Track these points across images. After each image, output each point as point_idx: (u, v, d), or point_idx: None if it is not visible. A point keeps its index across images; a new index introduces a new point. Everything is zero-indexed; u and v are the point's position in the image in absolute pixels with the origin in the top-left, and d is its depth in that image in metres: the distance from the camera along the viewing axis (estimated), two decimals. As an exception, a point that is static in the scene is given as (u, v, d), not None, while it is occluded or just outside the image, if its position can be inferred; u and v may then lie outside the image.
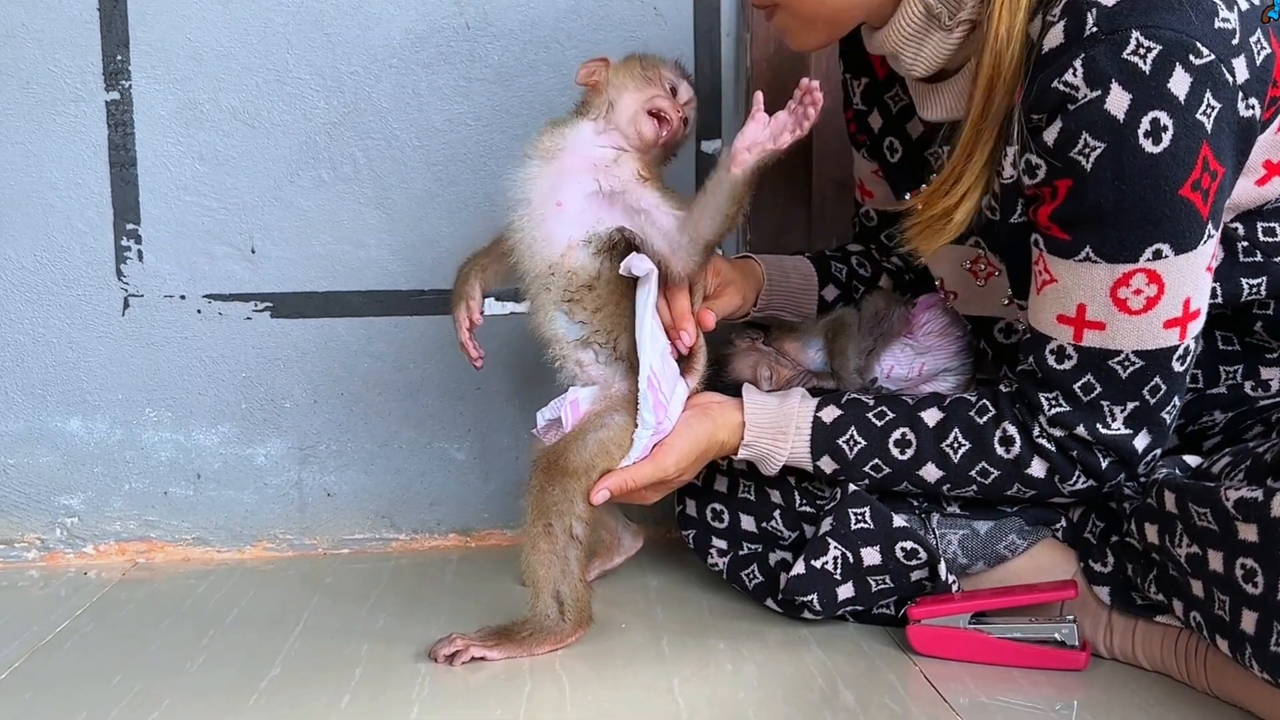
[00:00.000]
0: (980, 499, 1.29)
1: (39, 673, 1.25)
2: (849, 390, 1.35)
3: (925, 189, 1.23)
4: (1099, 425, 1.19)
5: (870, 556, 1.30)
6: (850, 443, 1.28)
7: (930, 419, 1.27)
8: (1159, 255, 1.12)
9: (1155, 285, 1.13)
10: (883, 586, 1.31)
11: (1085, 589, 1.25)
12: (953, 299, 1.39)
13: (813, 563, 1.31)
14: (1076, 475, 1.22)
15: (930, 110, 1.28)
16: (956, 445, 1.25)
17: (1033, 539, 1.30)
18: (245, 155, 1.61)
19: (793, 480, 1.38)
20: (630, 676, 1.22)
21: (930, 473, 1.27)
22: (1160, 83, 1.07)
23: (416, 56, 1.62)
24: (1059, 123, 1.11)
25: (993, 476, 1.25)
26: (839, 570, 1.30)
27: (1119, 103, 1.08)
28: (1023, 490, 1.25)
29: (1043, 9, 1.14)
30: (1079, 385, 1.18)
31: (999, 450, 1.24)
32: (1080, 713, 1.13)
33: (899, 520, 1.30)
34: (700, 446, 1.29)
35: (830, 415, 1.29)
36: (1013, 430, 1.23)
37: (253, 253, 1.63)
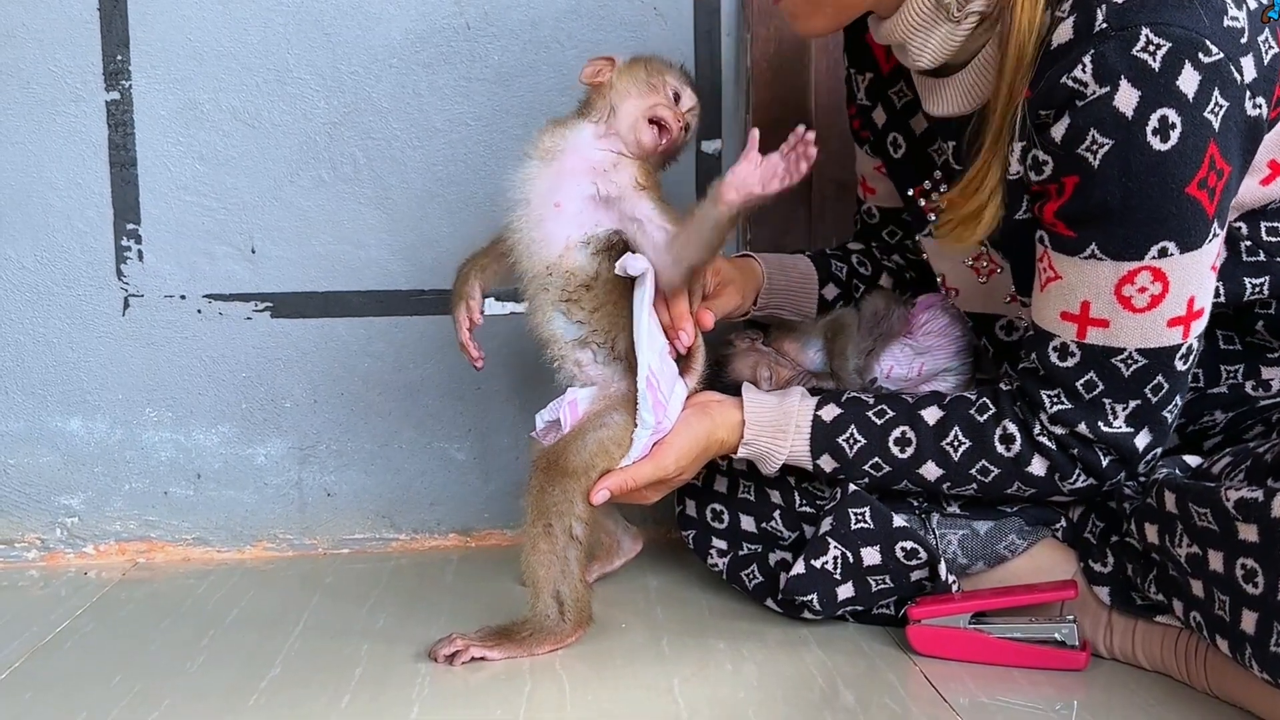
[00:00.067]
0: (980, 498, 1.29)
1: (39, 673, 1.25)
2: (849, 390, 1.35)
3: (953, 187, 1.22)
4: (1100, 423, 1.19)
5: (870, 556, 1.30)
6: (850, 441, 1.28)
7: (930, 417, 1.27)
8: (1164, 253, 1.12)
9: (1160, 283, 1.13)
10: (883, 586, 1.31)
11: (1085, 589, 1.25)
12: (954, 296, 1.39)
13: (813, 562, 1.31)
14: (1077, 473, 1.22)
15: (936, 105, 1.27)
16: (957, 443, 1.25)
17: (1033, 539, 1.30)
18: (245, 155, 1.61)
19: (792, 480, 1.38)
20: (630, 676, 1.22)
21: (930, 471, 1.27)
22: (1169, 80, 1.07)
23: (417, 56, 1.62)
24: (1067, 119, 1.11)
25: (993, 475, 1.25)
26: (839, 570, 1.30)
27: (1128, 99, 1.08)
28: (1023, 488, 1.25)
29: (1051, 5, 1.13)
30: (1081, 383, 1.18)
31: (999, 448, 1.24)
32: (1080, 713, 1.13)
33: (899, 520, 1.30)
34: (700, 445, 1.29)
35: (830, 414, 1.29)
36: (1013, 428, 1.23)
37: (253, 253, 1.63)
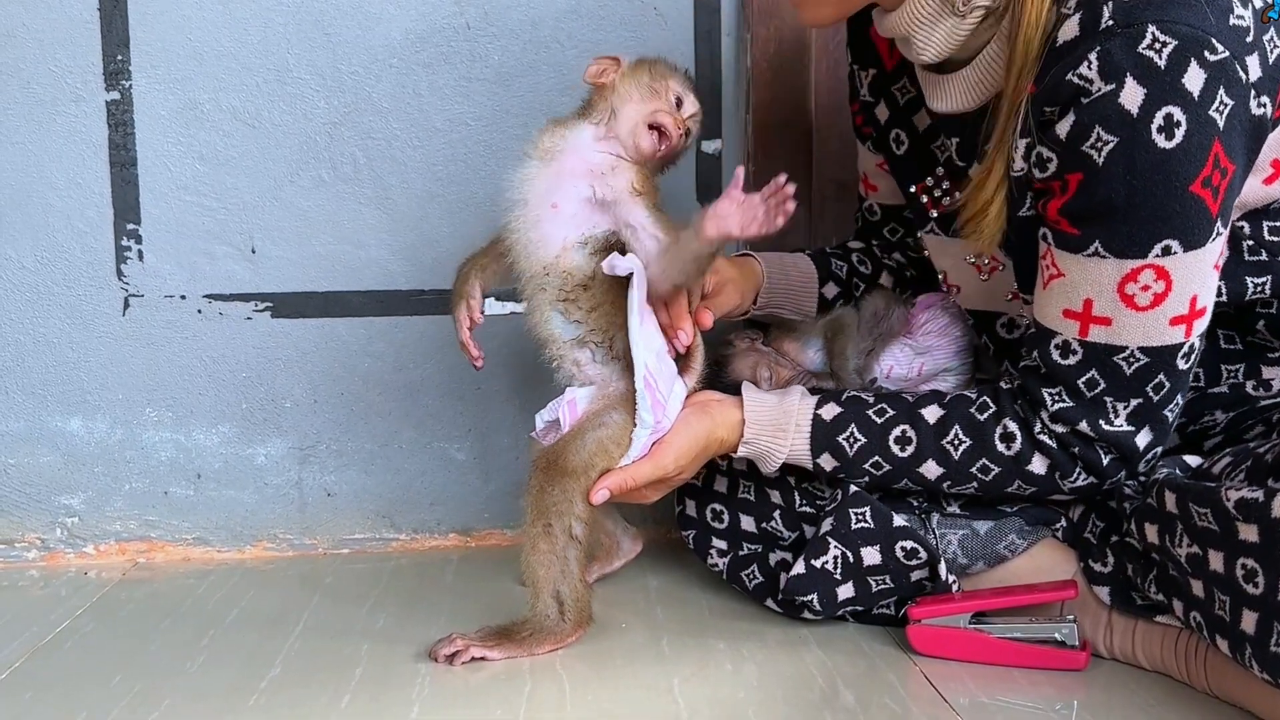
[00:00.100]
0: (981, 496, 1.29)
1: (39, 673, 1.25)
2: (849, 389, 1.35)
3: (962, 186, 1.22)
4: (1101, 421, 1.19)
5: (870, 556, 1.30)
6: (850, 440, 1.28)
7: (931, 416, 1.26)
8: (1168, 251, 1.12)
9: (1163, 282, 1.13)
10: (883, 586, 1.31)
11: (1085, 589, 1.25)
12: (956, 293, 1.39)
13: (813, 562, 1.31)
14: (1077, 472, 1.22)
15: (940, 101, 1.27)
16: (957, 442, 1.25)
17: (1033, 539, 1.30)
18: (245, 155, 1.61)
19: (793, 480, 1.38)
20: (630, 676, 1.22)
21: (930, 470, 1.26)
22: (1175, 78, 1.07)
23: (417, 56, 1.62)
24: (1072, 116, 1.10)
25: (993, 473, 1.25)
26: (839, 570, 1.30)
27: (1133, 97, 1.08)
28: (1023, 487, 1.25)
29: (1058, 1, 1.13)
30: (1083, 381, 1.18)
31: (999, 447, 1.23)
32: (1080, 713, 1.13)
33: (899, 520, 1.30)
34: (700, 444, 1.29)
35: (830, 412, 1.29)
36: (1013, 427, 1.23)
37: (253, 253, 1.63)
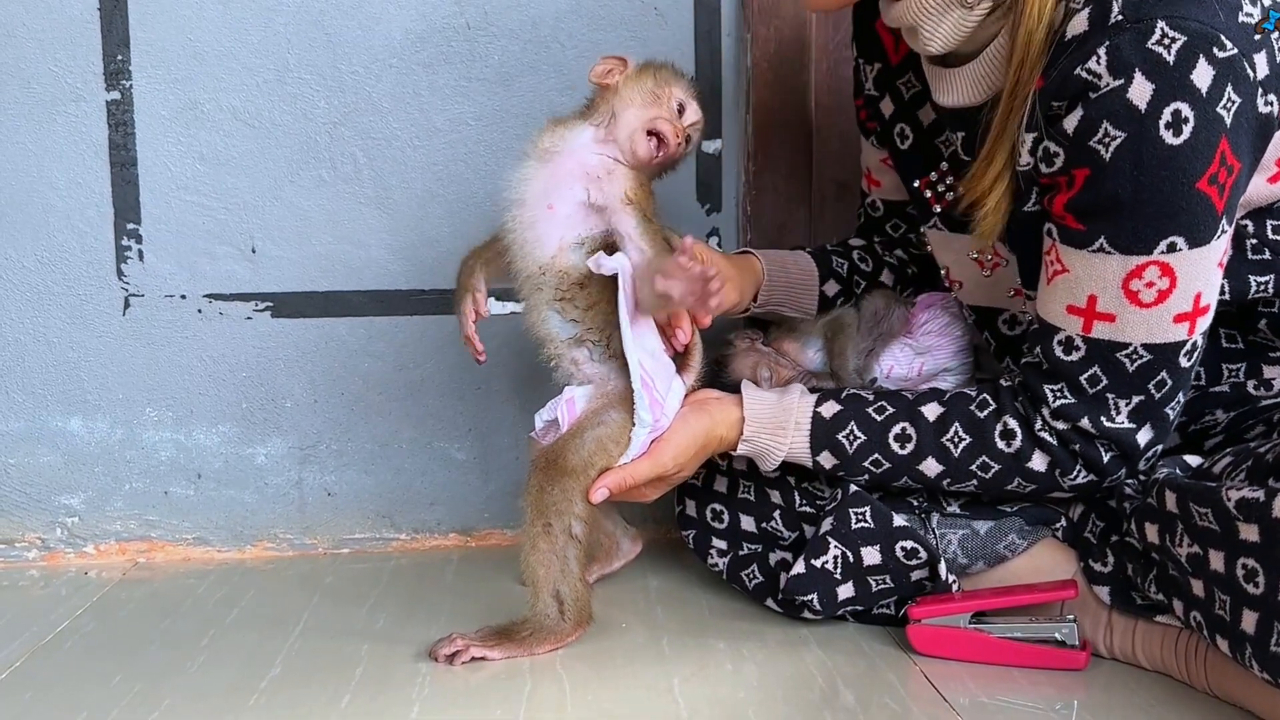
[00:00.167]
0: (981, 494, 1.29)
1: (39, 673, 1.25)
2: (849, 387, 1.35)
3: (962, 177, 1.22)
4: (1103, 418, 1.19)
5: (870, 556, 1.30)
6: (850, 438, 1.28)
7: (930, 413, 1.26)
8: (1173, 248, 1.12)
9: (1168, 278, 1.13)
10: (883, 586, 1.31)
11: (1085, 589, 1.25)
12: (958, 288, 1.39)
13: (813, 562, 1.31)
14: (1077, 469, 1.22)
15: (946, 95, 1.27)
16: (957, 439, 1.25)
17: (1033, 539, 1.30)
18: (246, 155, 1.61)
19: (793, 480, 1.38)
20: (630, 676, 1.22)
21: (930, 467, 1.26)
22: (1183, 74, 1.07)
23: (417, 56, 1.62)
24: (1080, 110, 1.10)
25: (993, 471, 1.25)
26: (839, 570, 1.30)
27: (1141, 92, 1.07)
28: (1023, 485, 1.25)
29: None
30: (1085, 377, 1.18)
31: (999, 444, 1.23)
32: (1080, 713, 1.13)
33: (899, 520, 1.30)
34: (699, 442, 1.29)
35: (830, 410, 1.29)
36: (1014, 424, 1.23)
37: (253, 252, 1.63)
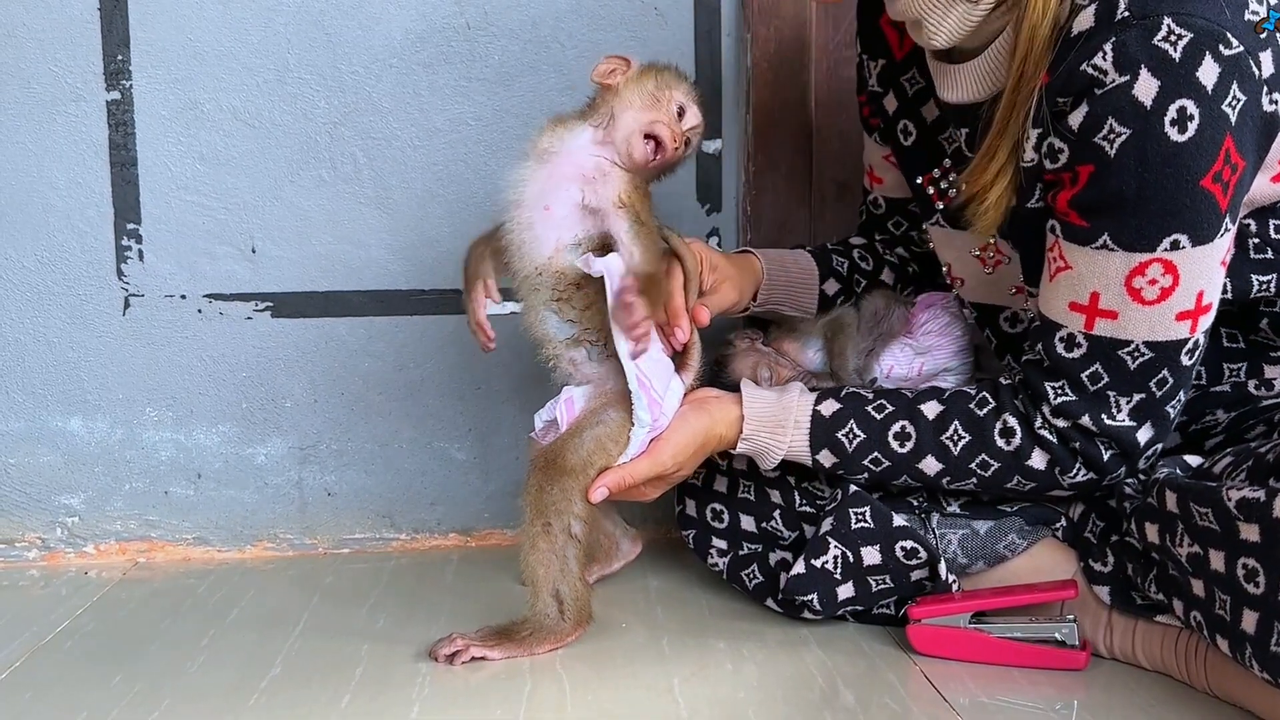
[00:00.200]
0: (980, 492, 1.29)
1: (39, 673, 1.25)
2: (848, 386, 1.34)
3: (964, 171, 1.22)
4: (1104, 416, 1.19)
5: (870, 556, 1.30)
6: (849, 436, 1.28)
7: (930, 411, 1.26)
8: (1176, 246, 1.12)
9: (1170, 276, 1.12)
10: (883, 586, 1.31)
11: (1085, 589, 1.25)
12: (959, 285, 1.39)
13: (813, 562, 1.31)
14: (1077, 467, 1.22)
15: (950, 91, 1.27)
16: (956, 437, 1.25)
17: (1033, 539, 1.30)
18: (246, 155, 1.61)
19: (793, 480, 1.38)
20: (630, 676, 1.22)
21: (930, 465, 1.26)
22: (1189, 71, 1.07)
23: (417, 56, 1.62)
24: (1085, 106, 1.10)
25: (993, 469, 1.24)
26: (839, 570, 1.30)
27: (1147, 89, 1.07)
28: (1022, 483, 1.25)
29: None
30: (1087, 374, 1.18)
31: (999, 442, 1.23)
32: (1080, 713, 1.13)
33: (899, 520, 1.29)
34: (698, 440, 1.29)
35: (829, 409, 1.29)
36: (1013, 422, 1.23)
37: (253, 252, 1.63)
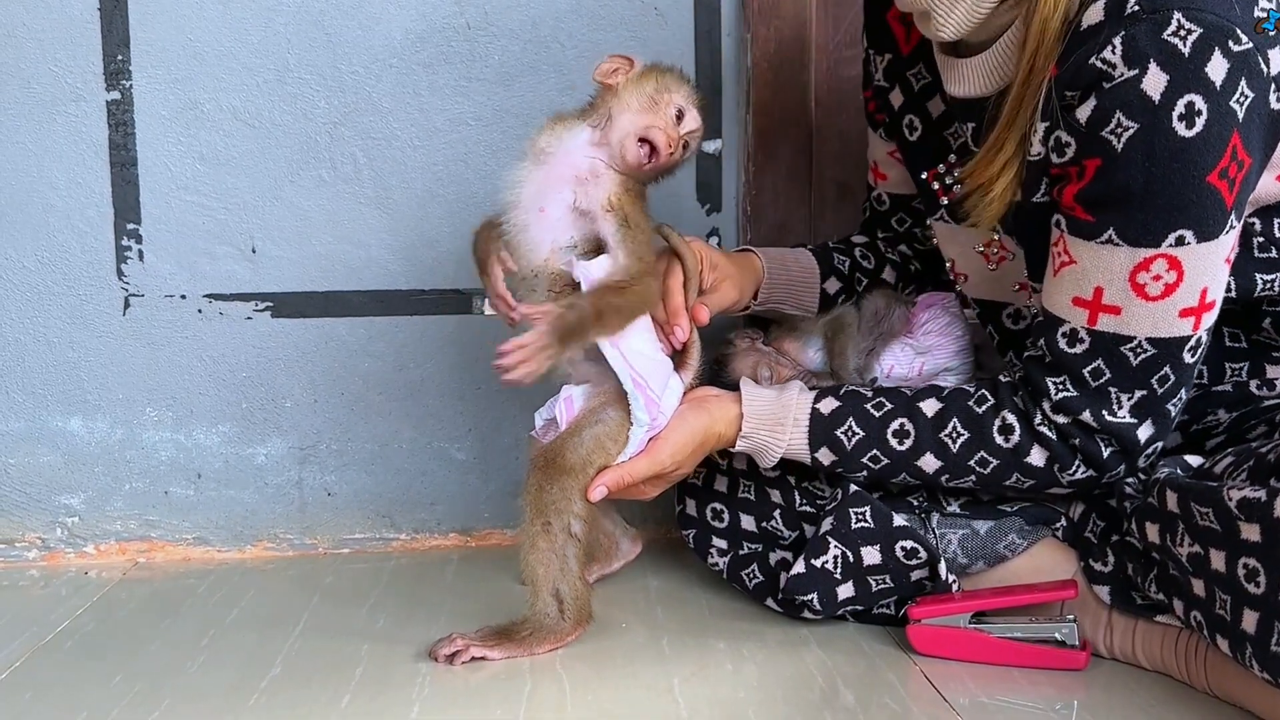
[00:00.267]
0: (979, 490, 1.29)
1: (39, 673, 1.25)
2: (848, 384, 1.34)
3: (969, 162, 1.22)
4: (1104, 412, 1.19)
5: (870, 556, 1.30)
6: (848, 433, 1.28)
7: (929, 409, 1.26)
8: (1181, 242, 1.11)
9: (1175, 272, 1.12)
10: (883, 586, 1.31)
11: (1085, 588, 1.25)
12: (963, 281, 1.39)
13: (813, 562, 1.31)
14: (1076, 464, 1.21)
15: (957, 85, 1.27)
16: (955, 435, 1.25)
17: (1033, 539, 1.30)
18: (246, 155, 1.61)
19: (793, 480, 1.38)
20: (630, 676, 1.22)
21: (929, 463, 1.26)
22: (1198, 66, 1.07)
23: (417, 56, 1.62)
24: (1093, 100, 1.10)
25: (991, 466, 1.24)
26: (839, 569, 1.30)
27: (1156, 83, 1.07)
28: (1021, 480, 1.24)
29: None
30: (1088, 370, 1.18)
31: (998, 439, 1.23)
32: (1080, 713, 1.13)
33: (899, 520, 1.29)
34: (697, 439, 1.29)
35: (828, 406, 1.29)
36: (1012, 419, 1.22)
37: (253, 252, 1.63)
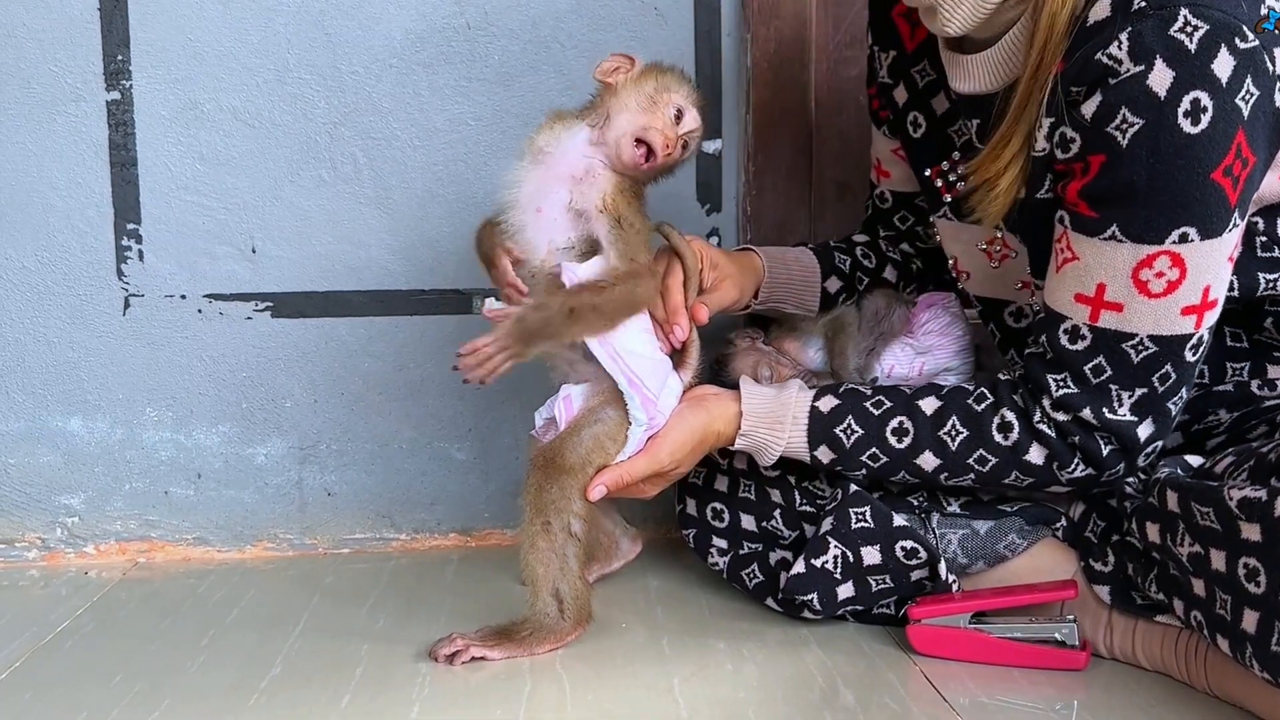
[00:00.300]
0: (978, 488, 1.29)
1: (39, 673, 1.25)
2: (847, 382, 1.34)
3: (975, 158, 1.22)
4: (1105, 409, 1.18)
5: (870, 556, 1.30)
6: (848, 432, 1.28)
7: (928, 407, 1.26)
8: (1184, 239, 1.11)
9: (1178, 269, 1.12)
10: (883, 586, 1.31)
11: (1085, 588, 1.25)
12: (965, 279, 1.39)
13: (813, 562, 1.31)
14: (1075, 462, 1.21)
15: (963, 82, 1.27)
16: (954, 433, 1.25)
17: (1033, 538, 1.30)
18: (246, 155, 1.61)
19: (793, 479, 1.38)
20: (630, 676, 1.22)
21: (928, 461, 1.26)
22: (1204, 63, 1.07)
23: (417, 56, 1.62)
24: (1098, 96, 1.10)
25: (990, 464, 1.24)
26: (839, 569, 1.30)
27: (1161, 80, 1.07)
28: (1020, 478, 1.24)
29: None
30: (1090, 367, 1.18)
31: (997, 437, 1.23)
32: (1080, 713, 1.13)
33: (899, 520, 1.29)
34: (696, 437, 1.29)
35: (828, 404, 1.29)
36: (1011, 417, 1.22)
37: (253, 252, 1.63)
